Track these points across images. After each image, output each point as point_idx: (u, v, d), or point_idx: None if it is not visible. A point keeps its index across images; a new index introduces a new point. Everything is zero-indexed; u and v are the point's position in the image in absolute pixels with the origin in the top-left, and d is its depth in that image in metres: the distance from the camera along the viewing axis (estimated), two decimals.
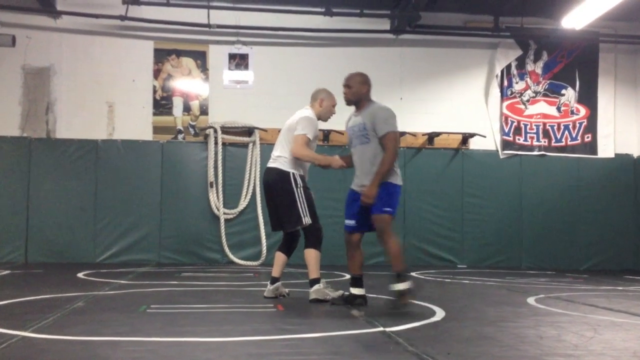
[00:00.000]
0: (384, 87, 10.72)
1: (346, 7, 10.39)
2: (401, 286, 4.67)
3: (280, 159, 5.30)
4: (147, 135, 10.26)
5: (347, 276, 7.90)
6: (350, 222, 5.04)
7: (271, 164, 5.36)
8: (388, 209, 4.79)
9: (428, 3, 9.90)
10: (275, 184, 5.25)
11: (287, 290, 5.54)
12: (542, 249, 10.72)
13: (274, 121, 10.38)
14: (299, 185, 5.20)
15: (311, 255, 5.18)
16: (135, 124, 10.24)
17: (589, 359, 3.25)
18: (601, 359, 3.25)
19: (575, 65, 11.14)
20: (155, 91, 10.38)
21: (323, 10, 10.31)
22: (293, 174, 5.21)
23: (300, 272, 8.56)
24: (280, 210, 5.24)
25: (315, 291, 5.17)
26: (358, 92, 5.05)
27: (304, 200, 5.18)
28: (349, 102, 5.13)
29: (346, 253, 5.14)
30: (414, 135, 10.46)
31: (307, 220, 5.16)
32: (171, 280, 7.14)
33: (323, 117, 5.47)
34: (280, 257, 5.37)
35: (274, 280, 5.40)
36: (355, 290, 5.10)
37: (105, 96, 10.26)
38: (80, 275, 7.59)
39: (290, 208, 5.16)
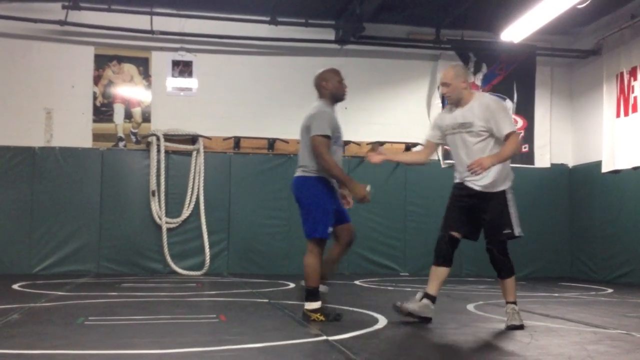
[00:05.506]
0: None
1: (291, 17, 10.42)
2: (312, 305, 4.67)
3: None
4: (86, 142, 10.00)
5: (291, 285, 7.92)
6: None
7: None
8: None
9: (372, 14, 10.04)
10: None
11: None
12: (482, 257, 10.88)
13: (218, 129, 10.34)
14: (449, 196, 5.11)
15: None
16: (75, 131, 9.96)
17: None
18: None
19: (514, 77, 11.48)
20: (95, 97, 10.15)
21: (268, 19, 10.31)
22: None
23: (250, 282, 8.50)
24: None
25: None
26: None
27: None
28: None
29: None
30: (358, 144, 10.56)
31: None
32: (110, 291, 6.98)
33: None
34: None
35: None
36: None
37: (43, 102, 9.95)
38: (15, 286, 7.34)
39: None
